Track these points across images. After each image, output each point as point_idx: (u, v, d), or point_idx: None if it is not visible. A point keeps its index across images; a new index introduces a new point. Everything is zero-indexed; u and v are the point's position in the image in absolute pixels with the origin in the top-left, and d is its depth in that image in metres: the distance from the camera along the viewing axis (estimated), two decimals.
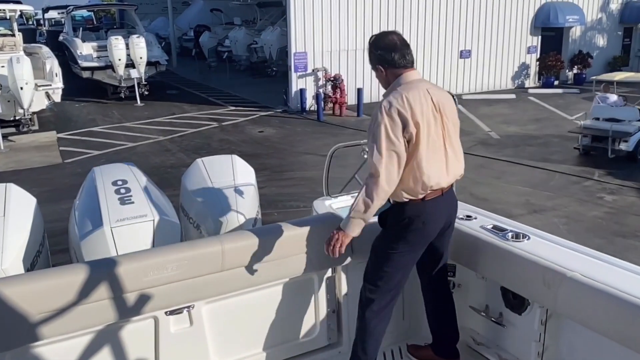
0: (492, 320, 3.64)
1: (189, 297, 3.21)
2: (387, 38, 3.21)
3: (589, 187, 10.80)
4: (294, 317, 3.65)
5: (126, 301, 3.01)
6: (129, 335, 3.16)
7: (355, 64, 19.07)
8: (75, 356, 3.05)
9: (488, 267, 3.48)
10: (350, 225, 3.12)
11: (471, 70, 21.49)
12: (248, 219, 4.49)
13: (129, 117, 17.22)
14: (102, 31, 24.25)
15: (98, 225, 3.94)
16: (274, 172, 11.66)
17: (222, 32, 29.33)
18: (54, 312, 2.83)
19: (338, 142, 4.41)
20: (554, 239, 3.39)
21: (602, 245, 7.73)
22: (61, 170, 11.95)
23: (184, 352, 3.32)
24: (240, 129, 15.84)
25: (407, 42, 3.23)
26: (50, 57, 16.48)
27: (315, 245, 3.44)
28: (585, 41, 23.97)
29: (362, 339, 3.36)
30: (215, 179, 4.73)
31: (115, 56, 18.27)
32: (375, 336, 3.36)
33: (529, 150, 13.57)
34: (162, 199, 4.51)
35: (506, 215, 3.99)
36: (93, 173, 4.69)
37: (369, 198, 3.03)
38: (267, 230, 3.47)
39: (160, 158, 12.80)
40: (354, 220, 3.10)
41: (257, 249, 3.31)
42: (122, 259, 3.06)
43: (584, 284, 2.84)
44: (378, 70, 3.24)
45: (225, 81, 23.92)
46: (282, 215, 8.68)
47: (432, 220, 3.21)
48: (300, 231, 3.44)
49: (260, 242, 3.34)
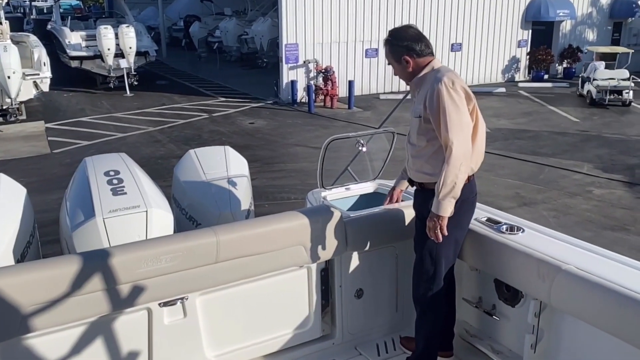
0: (485, 312, 3.65)
1: (182, 289, 3.19)
2: (409, 30, 3.31)
3: (578, 180, 10.87)
4: (288, 308, 3.64)
5: (119, 293, 2.99)
6: (122, 326, 3.14)
7: (347, 56, 19.04)
8: (68, 348, 3.03)
9: (482, 260, 3.48)
10: (442, 207, 3.08)
11: (462, 64, 21.50)
12: (241, 210, 4.48)
13: (118, 108, 17.08)
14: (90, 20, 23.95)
15: (90, 216, 3.91)
16: (265, 163, 11.62)
17: (212, 23, 29.16)
18: (46, 304, 2.81)
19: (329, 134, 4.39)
20: (549, 232, 3.40)
21: (591, 238, 7.77)
22: (50, 161, 11.84)
23: (177, 344, 3.30)
24: (230, 120, 15.77)
25: None
26: (38, 46, 16.27)
27: (309, 237, 3.43)
28: (575, 35, 24.06)
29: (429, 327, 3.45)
30: (208, 170, 4.70)
31: (105, 46, 18.10)
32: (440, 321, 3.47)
33: (518, 143, 13.63)
34: (155, 190, 4.47)
35: (496, 208, 3.99)
36: (85, 163, 4.65)
37: (453, 174, 3.04)
38: (261, 222, 3.45)
39: (150, 149, 12.71)
40: (443, 201, 3.07)
41: (251, 240, 3.30)
42: (114, 250, 3.04)
43: (578, 277, 2.85)
44: (403, 61, 3.27)
45: (215, 72, 23.78)
46: (273, 207, 8.66)
47: (475, 198, 3.35)
48: (295, 223, 3.43)
49: (255, 233, 3.33)
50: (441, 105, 3.07)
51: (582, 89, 19.06)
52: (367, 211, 3.78)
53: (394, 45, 3.29)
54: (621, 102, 17.39)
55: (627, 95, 17.42)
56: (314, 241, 3.46)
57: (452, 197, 3.08)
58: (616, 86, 17.40)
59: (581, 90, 19.14)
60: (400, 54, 3.27)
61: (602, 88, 17.46)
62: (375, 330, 3.87)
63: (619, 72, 17.90)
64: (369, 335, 3.87)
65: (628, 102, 17.50)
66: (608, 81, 17.49)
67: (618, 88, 17.42)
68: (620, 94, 17.43)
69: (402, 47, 3.25)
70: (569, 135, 14.44)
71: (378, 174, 4.38)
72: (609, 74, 17.75)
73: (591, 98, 17.72)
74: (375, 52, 19.31)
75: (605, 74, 17.84)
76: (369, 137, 4.28)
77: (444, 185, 3.05)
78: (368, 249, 3.71)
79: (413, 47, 3.23)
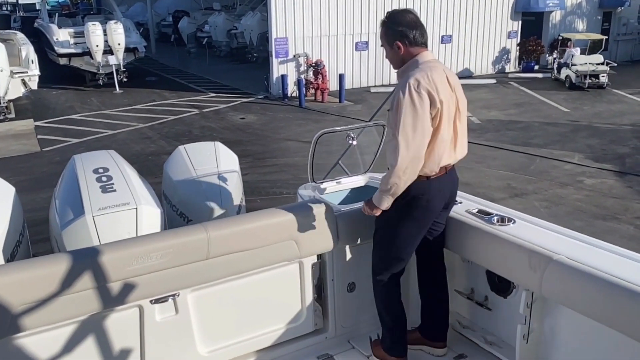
0: (477, 303, 3.66)
1: (174, 286, 3.18)
2: (407, 15, 3.22)
3: (569, 170, 10.91)
4: (280, 303, 3.63)
5: (110, 290, 2.97)
6: (113, 324, 3.12)
7: (337, 50, 19.00)
8: (59, 347, 3.01)
9: (473, 251, 3.48)
10: (380, 201, 3.17)
11: (452, 56, 21.51)
12: (232, 206, 4.46)
13: (108, 105, 16.98)
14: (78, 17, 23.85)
15: (79, 214, 3.89)
16: (257, 159, 11.59)
17: (201, 18, 29.03)
18: (36, 303, 2.79)
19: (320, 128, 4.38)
20: (540, 223, 3.40)
21: (582, 227, 7.81)
22: (40, 159, 11.76)
23: (169, 341, 3.29)
24: (221, 115, 15.71)
25: None
26: (25, 43, 16.17)
27: (301, 232, 3.42)
28: (565, 25, 24.10)
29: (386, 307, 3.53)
30: (198, 166, 4.68)
31: (93, 42, 17.99)
32: (396, 299, 3.51)
33: (509, 134, 13.66)
34: (145, 187, 4.45)
35: (488, 199, 4.00)
36: (73, 161, 4.61)
37: (395, 176, 3.05)
38: (252, 217, 3.44)
39: (141, 145, 12.65)
40: (381, 196, 3.15)
41: (242, 236, 3.28)
42: (105, 248, 3.02)
43: (569, 267, 2.86)
44: (395, 47, 3.20)
45: (205, 67, 23.68)
46: (265, 202, 8.64)
47: (435, 197, 3.27)
48: (286, 218, 3.41)
49: (246, 229, 3.31)
50: (399, 105, 3.03)
51: (558, 73, 20.27)
52: (358, 205, 3.77)
53: (389, 28, 3.21)
54: (597, 86, 18.93)
55: (604, 79, 18.96)
56: (306, 236, 3.44)
57: (390, 196, 3.14)
58: (594, 71, 18.90)
59: (557, 74, 20.37)
60: (394, 38, 3.19)
61: (582, 73, 18.93)
62: (368, 323, 3.87)
63: (594, 58, 19.47)
64: (361, 329, 3.86)
65: (605, 85, 18.97)
66: (587, 66, 18.99)
67: (596, 72, 18.90)
68: (597, 78, 18.91)
69: (397, 31, 3.17)
70: (559, 125, 14.49)
71: (369, 168, 4.38)
72: (585, 59, 19.36)
73: (570, 82, 19.14)
74: (366, 45, 19.29)
75: (582, 59, 19.41)
76: (359, 130, 4.27)
77: (384, 184, 3.11)
78: (360, 242, 3.70)
79: (407, 33, 3.16)
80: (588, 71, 18.79)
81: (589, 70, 18.80)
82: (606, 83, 18.94)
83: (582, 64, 19.16)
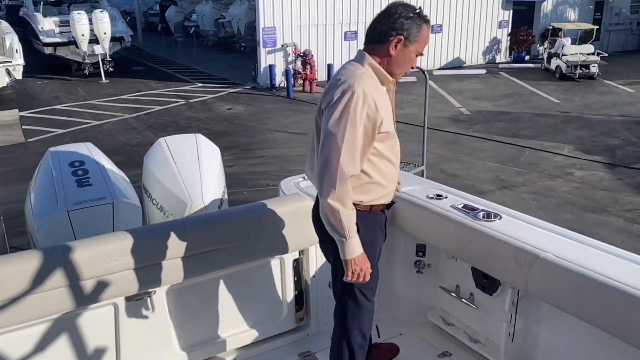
0: (462, 300, 3.58)
1: (150, 283, 3.09)
2: None
3: (559, 162, 10.87)
4: (261, 300, 3.55)
5: (84, 288, 2.89)
6: (88, 323, 3.04)
7: (325, 39, 18.83)
8: (32, 346, 2.93)
9: (458, 247, 3.40)
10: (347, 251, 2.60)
11: (442, 46, 21.41)
12: (213, 200, 4.36)
13: (93, 95, 16.80)
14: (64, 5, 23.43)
15: (54, 209, 3.81)
16: (243, 150, 11.48)
17: (188, 7, 28.79)
18: (8, 301, 2.71)
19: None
20: (527, 219, 3.31)
21: (572, 220, 7.77)
22: (24, 150, 11.65)
23: (145, 339, 3.20)
24: (208, 106, 15.57)
25: None
26: (9, 32, 15.94)
27: (281, 227, 3.34)
28: (556, 15, 24.03)
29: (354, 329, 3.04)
30: (178, 159, 4.57)
31: (78, 31, 17.77)
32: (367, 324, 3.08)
33: (499, 126, 13.61)
34: (123, 180, 4.36)
35: (476, 192, 3.94)
36: (49, 154, 4.50)
37: None
38: (231, 213, 3.37)
39: (127, 136, 12.51)
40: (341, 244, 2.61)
41: (221, 232, 3.21)
42: (78, 244, 2.94)
43: (556, 265, 2.78)
44: (395, 39, 2.64)
45: (192, 57, 23.49)
46: (251, 194, 8.55)
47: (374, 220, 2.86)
48: (266, 213, 3.33)
49: (225, 224, 3.24)
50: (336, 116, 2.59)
51: (548, 64, 20.08)
52: None
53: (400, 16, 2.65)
54: (588, 76, 18.72)
55: (594, 69, 18.76)
56: (287, 231, 3.36)
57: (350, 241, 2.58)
58: (585, 61, 18.70)
59: (547, 65, 20.18)
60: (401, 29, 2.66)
61: (572, 63, 18.69)
62: None
63: (584, 48, 19.31)
64: None
65: (595, 76, 18.78)
66: (577, 56, 18.81)
67: (586, 63, 18.71)
68: (588, 68, 18.71)
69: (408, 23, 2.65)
70: (550, 116, 14.45)
71: None
72: (576, 49, 19.18)
73: (561, 72, 18.93)
74: (355, 34, 19.13)
75: (572, 49, 19.19)
76: None
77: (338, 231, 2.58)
78: None
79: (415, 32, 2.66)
80: (578, 61, 18.62)
81: (579, 61, 18.64)
82: (597, 73, 18.78)
83: (573, 54, 18.98)
